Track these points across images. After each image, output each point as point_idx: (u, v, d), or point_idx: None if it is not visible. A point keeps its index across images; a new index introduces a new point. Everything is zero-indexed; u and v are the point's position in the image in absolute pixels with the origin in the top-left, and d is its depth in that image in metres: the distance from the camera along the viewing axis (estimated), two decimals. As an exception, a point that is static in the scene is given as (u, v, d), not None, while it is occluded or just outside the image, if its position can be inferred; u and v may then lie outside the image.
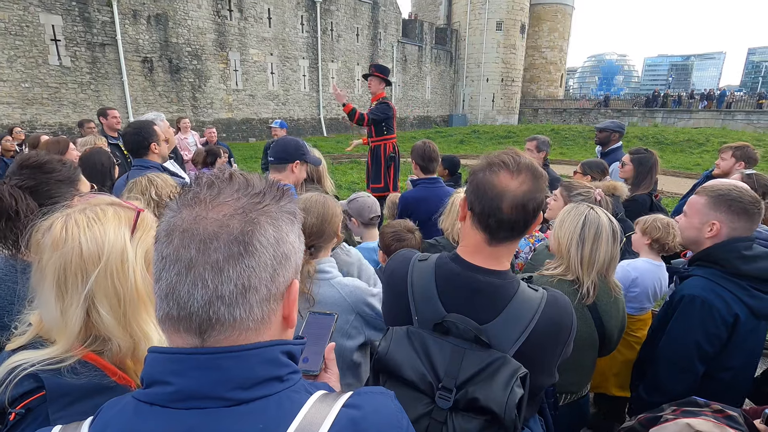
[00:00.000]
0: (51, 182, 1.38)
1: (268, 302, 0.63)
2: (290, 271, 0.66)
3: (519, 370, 1.02)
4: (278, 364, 0.63)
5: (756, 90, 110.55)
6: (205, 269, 0.57)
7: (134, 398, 0.61)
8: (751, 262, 1.72)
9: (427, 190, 3.29)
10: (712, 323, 1.71)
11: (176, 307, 0.59)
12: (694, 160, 17.08)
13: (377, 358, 1.12)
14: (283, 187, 0.68)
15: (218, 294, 0.58)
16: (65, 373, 0.87)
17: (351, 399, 0.66)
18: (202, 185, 0.62)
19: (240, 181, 0.63)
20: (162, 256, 0.59)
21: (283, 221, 0.64)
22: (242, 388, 0.59)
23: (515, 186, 1.08)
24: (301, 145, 2.64)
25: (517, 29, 34.86)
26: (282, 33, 22.74)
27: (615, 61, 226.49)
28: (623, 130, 4.79)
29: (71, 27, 15.21)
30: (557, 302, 1.16)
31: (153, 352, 0.62)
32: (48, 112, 15.11)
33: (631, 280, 2.39)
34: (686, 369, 1.79)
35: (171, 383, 0.58)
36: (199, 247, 0.57)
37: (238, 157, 13.99)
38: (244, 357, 0.60)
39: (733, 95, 34.55)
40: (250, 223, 0.60)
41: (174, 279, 0.58)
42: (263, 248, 0.60)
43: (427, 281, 1.19)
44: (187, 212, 0.59)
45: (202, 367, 0.59)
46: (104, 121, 5.54)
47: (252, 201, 0.61)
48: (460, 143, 23.84)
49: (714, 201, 1.79)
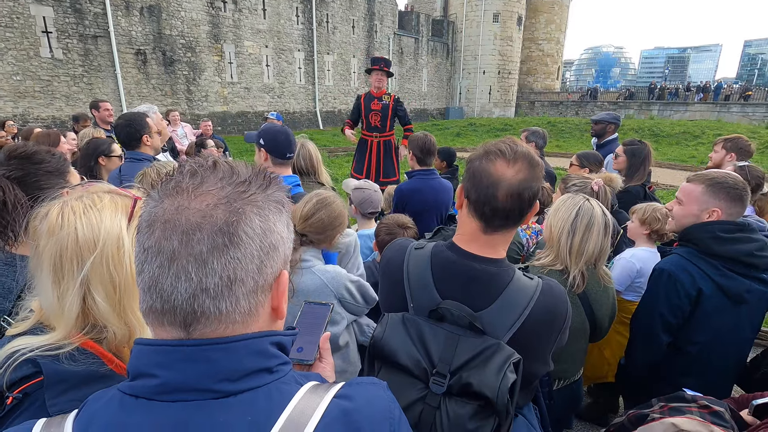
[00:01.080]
0: (39, 173, 1.36)
1: (255, 294, 0.61)
2: (279, 261, 0.64)
3: (512, 356, 1.04)
4: (267, 355, 0.62)
5: (752, 82, 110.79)
6: (189, 261, 0.56)
7: (120, 391, 0.59)
8: (725, 243, 1.80)
9: (421, 181, 3.31)
10: (675, 295, 1.84)
11: (159, 300, 0.57)
12: (689, 153, 17.15)
13: (372, 344, 1.13)
14: (270, 175, 0.66)
15: (203, 287, 0.56)
16: (63, 360, 0.87)
17: (342, 390, 0.65)
18: (184, 174, 0.60)
19: (224, 170, 0.61)
20: (144, 247, 0.58)
21: (270, 210, 0.62)
22: (230, 380, 0.58)
23: (511, 174, 1.09)
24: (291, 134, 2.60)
25: (514, 21, 34.67)
26: (277, 25, 22.52)
27: (612, 54, 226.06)
28: (619, 122, 4.81)
29: (63, 18, 15.01)
30: (552, 291, 1.18)
31: (139, 344, 0.61)
32: (40, 105, 14.94)
33: (636, 271, 2.45)
34: (652, 337, 1.92)
35: (157, 375, 0.57)
36: (182, 238, 0.55)
37: (234, 151, 13.92)
38: (231, 348, 0.59)
39: (730, 87, 34.58)
40: (234, 213, 0.57)
41: (156, 272, 0.57)
42: (249, 239, 0.58)
43: (423, 269, 1.20)
44: (168, 202, 0.57)
45: (189, 359, 0.57)
46: (96, 114, 5.50)
47: (237, 190, 0.59)
48: (457, 136, 23.81)
49: (713, 189, 1.84)
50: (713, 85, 35.79)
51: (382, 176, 5.59)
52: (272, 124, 2.64)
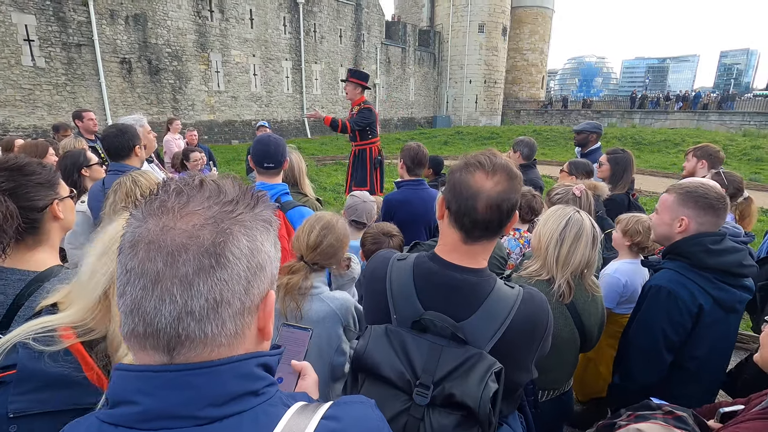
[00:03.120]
0: (30, 185, 1.35)
1: (242, 316, 0.59)
2: (266, 281, 0.62)
3: (494, 365, 1.04)
4: (253, 377, 0.60)
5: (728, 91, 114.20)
6: (173, 284, 0.54)
7: (98, 419, 0.57)
8: (717, 255, 1.79)
9: (410, 192, 3.31)
10: (677, 312, 1.79)
11: (142, 324, 0.55)
12: (670, 160, 17.56)
13: (355, 357, 1.13)
14: (258, 194, 0.65)
15: (188, 309, 0.55)
16: (45, 358, 0.90)
17: (330, 410, 0.64)
18: (169, 192, 0.58)
19: (211, 188, 0.60)
20: (126, 269, 0.56)
21: (258, 230, 0.60)
22: (214, 405, 0.56)
23: (490, 186, 1.10)
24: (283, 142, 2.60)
25: (499, 32, 35.31)
26: (264, 34, 22.55)
27: (594, 64, 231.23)
28: (601, 131, 4.90)
29: (45, 27, 14.80)
30: (533, 299, 1.19)
31: (119, 369, 0.58)
32: (21, 114, 14.65)
33: (622, 285, 2.45)
34: (654, 357, 1.86)
35: (138, 403, 0.55)
36: (167, 260, 0.54)
37: (221, 160, 13.81)
38: (215, 373, 0.57)
39: (709, 96, 35.60)
40: (221, 233, 0.56)
41: (139, 294, 0.55)
42: (236, 260, 0.57)
43: (406, 280, 1.20)
44: (153, 222, 0.56)
45: (172, 385, 0.55)
46: (80, 124, 5.40)
47: (224, 210, 0.58)
48: (444, 144, 24.01)
49: (682, 198, 1.86)
50: (692, 94, 36.82)
51: (353, 185, 5.56)
52: (264, 134, 2.64)
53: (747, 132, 23.67)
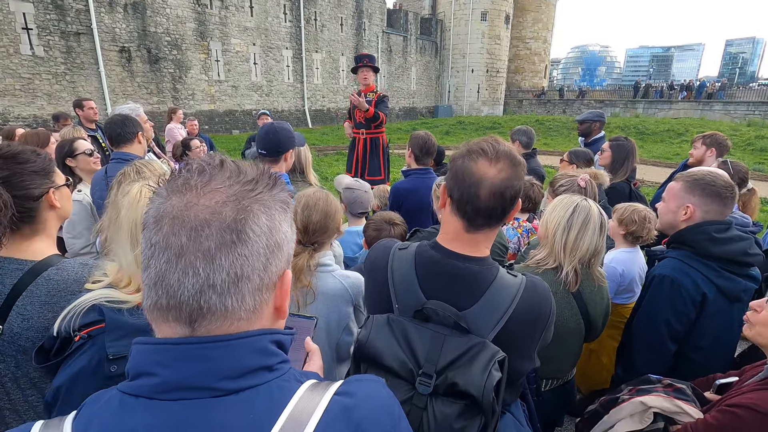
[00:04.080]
0: (25, 173, 1.34)
1: (260, 292, 0.61)
2: (283, 260, 0.64)
3: (497, 354, 1.04)
4: (267, 353, 0.62)
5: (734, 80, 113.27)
6: (197, 257, 0.56)
7: (119, 391, 0.59)
8: (721, 244, 1.77)
9: (418, 180, 3.31)
10: (680, 301, 1.78)
11: (165, 296, 0.57)
12: (673, 150, 17.44)
13: (357, 346, 1.12)
14: (276, 175, 0.67)
15: (210, 283, 0.57)
16: (124, 313, 1.08)
17: (342, 387, 0.65)
18: (192, 171, 0.60)
19: (231, 168, 0.62)
20: (151, 243, 0.58)
21: (276, 210, 0.63)
22: (231, 378, 0.58)
23: (493, 173, 1.09)
24: (290, 131, 2.60)
25: (502, 19, 34.85)
26: (264, 22, 22.31)
27: (598, 53, 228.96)
28: (603, 119, 4.84)
29: (44, 15, 14.66)
30: (536, 288, 1.18)
31: (138, 343, 0.60)
32: (21, 103, 14.59)
33: (619, 275, 2.44)
34: (658, 348, 1.85)
35: (157, 374, 0.57)
36: (190, 234, 0.56)
37: (222, 150, 13.74)
38: (232, 346, 0.59)
39: (714, 85, 35.20)
40: (243, 210, 0.58)
41: (164, 267, 0.57)
42: (256, 237, 0.59)
43: (408, 269, 1.19)
44: (177, 199, 0.58)
45: (189, 357, 0.57)
46: (80, 113, 5.37)
47: (245, 188, 0.60)
48: (446, 134, 23.87)
49: (689, 185, 1.84)
50: (696, 83, 36.43)
51: (367, 174, 5.55)
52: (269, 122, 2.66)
53: (752, 122, 23.46)
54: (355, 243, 2.74)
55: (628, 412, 1.47)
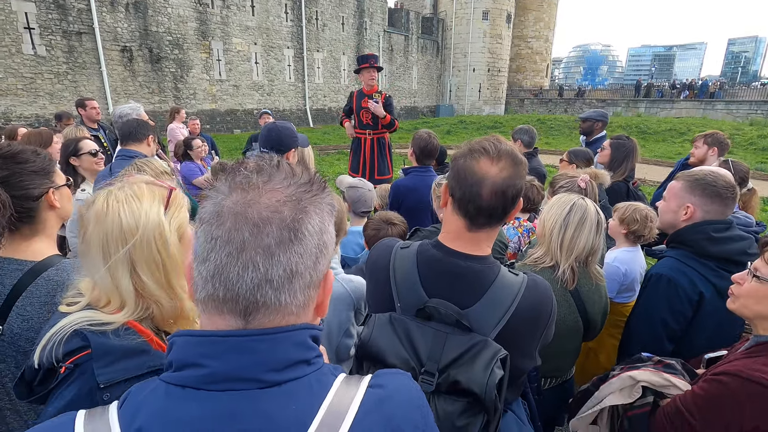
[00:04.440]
0: (24, 173, 1.34)
1: (309, 289, 0.64)
2: (328, 259, 0.67)
3: (499, 351, 1.04)
4: (306, 347, 0.64)
5: (736, 79, 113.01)
6: (257, 253, 0.58)
7: (163, 381, 0.60)
8: (719, 243, 1.78)
9: (418, 179, 3.31)
10: (677, 300, 1.78)
11: (223, 289, 0.59)
12: (675, 149, 17.41)
13: (360, 345, 1.13)
14: (324, 180, 0.69)
15: (268, 278, 0.59)
16: (110, 335, 0.99)
17: (374, 379, 0.68)
18: (251, 170, 0.63)
19: (287, 170, 0.65)
20: (212, 236, 0.59)
21: (326, 212, 0.66)
22: (276, 370, 0.60)
23: (495, 172, 1.09)
24: (292, 129, 2.61)
25: (503, 19, 34.79)
26: (266, 22, 22.32)
27: (600, 52, 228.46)
28: (606, 119, 4.84)
29: (45, 14, 14.69)
30: (537, 286, 1.18)
31: (182, 335, 0.62)
32: (23, 103, 14.63)
33: (622, 274, 2.44)
34: (655, 346, 1.85)
35: (204, 365, 0.58)
36: (252, 230, 0.58)
37: (223, 149, 13.77)
38: (276, 339, 0.61)
39: (716, 84, 35.09)
40: (300, 211, 0.61)
41: (224, 260, 0.58)
42: (310, 236, 0.62)
43: (409, 268, 1.20)
44: (238, 195, 0.60)
45: (237, 349, 0.59)
46: (83, 113, 5.39)
47: (301, 189, 0.63)
48: (447, 134, 23.85)
49: (690, 185, 1.85)
50: (698, 82, 36.31)
51: (376, 174, 5.57)
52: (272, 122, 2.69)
53: (754, 121, 23.39)
54: (357, 243, 2.75)
55: (617, 386, 1.49)
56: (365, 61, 5.36)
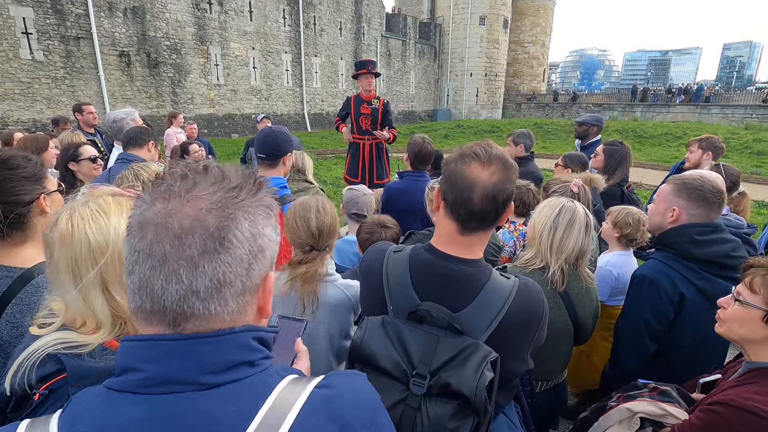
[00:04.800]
0: (15, 179, 1.33)
1: (243, 295, 0.63)
2: (266, 263, 0.66)
3: (490, 354, 1.05)
4: (250, 348, 0.63)
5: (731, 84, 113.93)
6: (180, 265, 0.57)
7: (105, 387, 0.60)
8: (702, 246, 1.81)
9: (411, 182, 3.37)
10: (658, 301, 1.83)
11: (149, 301, 0.59)
12: (671, 153, 17.50)
13: (352, 347, 1.14)
14: (261, 180, 0.68)
15: (193, 289, 0.58)
16: (85, 357, 0.94)
17: (324, 380, 0.67)
18: (175, 177, 0.61)
19: (215, 174, 0.62)
20: (135, 249, 0.59)
21: (260, 215, 0.63)
22: (215, 372, 0.59)
23: (486, 177, 1.11)
24: (287, 134, 2.62)
25: (500, 24, 35.02)
26: (264, 27, 22.40)
27: (596, 56, 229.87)
28: (602, 124, 4.88)
29: (43, 20, 14.71)
30: (528, 290, 1.19)
31: (124, 340, 0.62)
32: (20, 108, 14.62)
33: (615, 278, 2.46)
34: (638, 345, 1.90)
35: (143, 370, 0.58)
36: (174, 242, 0.57)
37: (221, 154, 13.80)
38: (216, 342, 0.61)
39: (711, 89, 35.36)
40: (226, 218, 0.59)
41: (148, 273, 0.58)
42: (239, 243, 0.60)
43: (402, 271, 1.21)
44: (160, 205, 0.58)
45: (174, 352, 0.59)
46: (80, 117, 5.39)
47: (228, 195, 0.60)
48: (445, 138, 23.92)
49: (677, 188, 1.89)
50: (694, 87, 36.57)
51: (375, 178, 5.61)
52: (268, 126, 2.69)
53: (749, 125, 23.56)
54: (353, 253, 2.75)
55: (616, 418, 1.51)
56: (363, 67, 5.40)
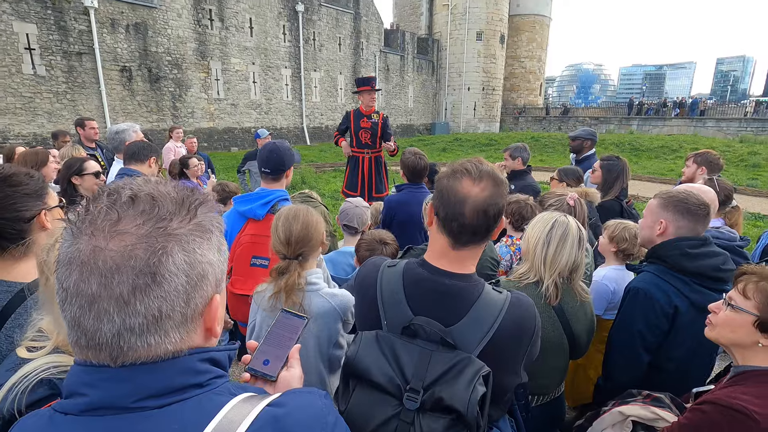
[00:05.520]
0: (17, 196, 1.34)
1: (184, 324, 0.61)
2: (209, 288, 0.63)
3: (482, 369, 1.06)
4: (196, 371, 0.62)
5: (726, 98, 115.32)
6: (110, 304, 0.55)
7: (51, 409, 0.60)
8: (694, 259, 1.84)
9: (410, 194, 3.44)
10: (652, 313, 1.84)
11: (84, 338, 0.57)
12: (668, 166, 17.63)
13: (346, 362, 1.14)
14: (197, 200, 0.64)
15: (127, 326, 0.56)
16: None
17: (277, 399, 0.66)
18: (99, 211, 0.57)
19: (145, 203, 0.58)
20: (63, 287, 0.57)
21: (196, 241, 0.60)
22: (154, 396, 0.58)
23: (477, 192, 1.13)
24: (289, 148, 2.66)
25: (497, 39, 35.58)
26: (264, 42, 22.72)
27: (592, 71, 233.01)
28: (595, 138, 4.95)
29: (46, 36, 14.91)
30: (520, 304, 1.21)
31: (75, 364, 0.61)
32: (21, 122, 14.71)
33: (611, 292, 2.47)
34: (632, 357, 1.91)
35: (85, 395, 0.58)
36: (101, 281, 0.54)
37: (220, 167, 13.86)
38: (156, 369, 0.59)
39: (705, 103, 35.80)
40: (155, 252, 0.56)
41: (77, 312, 0.56)
42: (173, 276, 0.57)
43: (396, 286, 1.22)
44: (84, 242, 0.55)
45: (115, 379, 0.58)
46: (81, 132, 5.45)
47: (158, 226, 0.57)
48: (443, 151, 24.09)
49: (663, 202, 1.93)
50: (689, 100, 37.01)
51: (374, 192, 5.67)
52: (271, 141, 2.72)
53: (744, 138, 23.77)
54: (347, 264, 2.77)
55: (609, 422, 1.53)
56: (367, 84, 5.50)
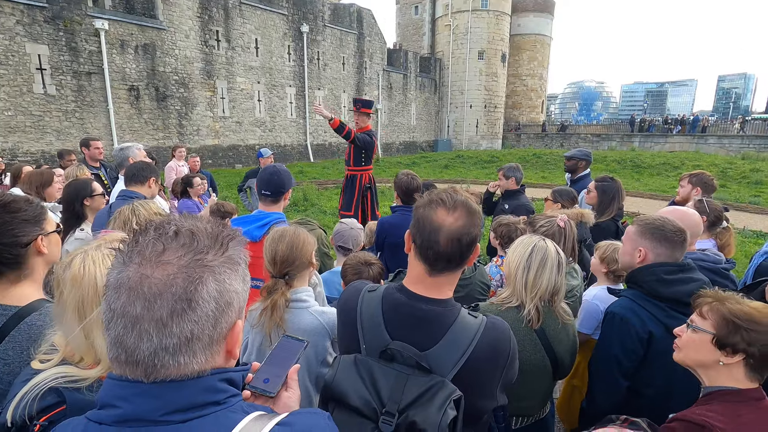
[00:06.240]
0: (15, 222, 1.38)
1: (210, 346, 0.70)
2: (233, 314, 0.72)
3: (453, 393, 1.10)
4: (216, 390, 0.70)
5: (728, 115, 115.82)
6: (150, 325, 0.64)
7: (86, 418, 0.69)
8: (670, 285, 1.86)
9: (403, 217, 3.45)
10: (628, 338, 1.86)
11: (124, 354, 0.66)
12: (670, 183, 17.63)
13: (324, 386, 1.18)
14: (229, 236, 0.74)
15: (162, 346, 0.65)
16: (84, 390, 1.01)
17: (285, 419, 0.73)
18: (147, 243, 0.68)
19: (185, 237, 0.69)
20: (111, 308, 0.66)
21: (226, 272, 0.70)
22: (180, 411, 0.67)
23: (450, 222, 1.18)
24: (288, 172, 2.72)
25: (498, 58, 36.17)
26: (269, 62, 23.20)
27: (594, 88, 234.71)
28: (590, 158, 5.00)
29: (58, 56, 15.33)
30: (495, 328, 1.25)
31: (109, 377, 0.70)
32: (30, 139, 15.02)
33: (600, 312, 2.48)
34: (610, 382, 1.92)
35: (118, 407, 0.66)
36: (144, 305, 0.64)
37: (224, 184, 14.02)
38: (183, 387, 0.68)
39: (707, 120, 35.97)
40: (194, 281, 0.66)
41: (121, 332, 0.65)
42: (205, 302, 0.67)
43: (375, 310, 1.27)
44: (133, 270, 0.65)
45: (145, 394, 0.66)
46: (86, 152, 5.58)
47: (196, 258, 0.67)
48: (445, 168, 24.26)
49: (641, 230, 1.97)
50: (690, 118, 37.20)
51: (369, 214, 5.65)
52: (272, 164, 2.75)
53: (746, 155, 23.80)
54: (340, 284, 2.81)
55: None
56: (371, 107, 5.64)
